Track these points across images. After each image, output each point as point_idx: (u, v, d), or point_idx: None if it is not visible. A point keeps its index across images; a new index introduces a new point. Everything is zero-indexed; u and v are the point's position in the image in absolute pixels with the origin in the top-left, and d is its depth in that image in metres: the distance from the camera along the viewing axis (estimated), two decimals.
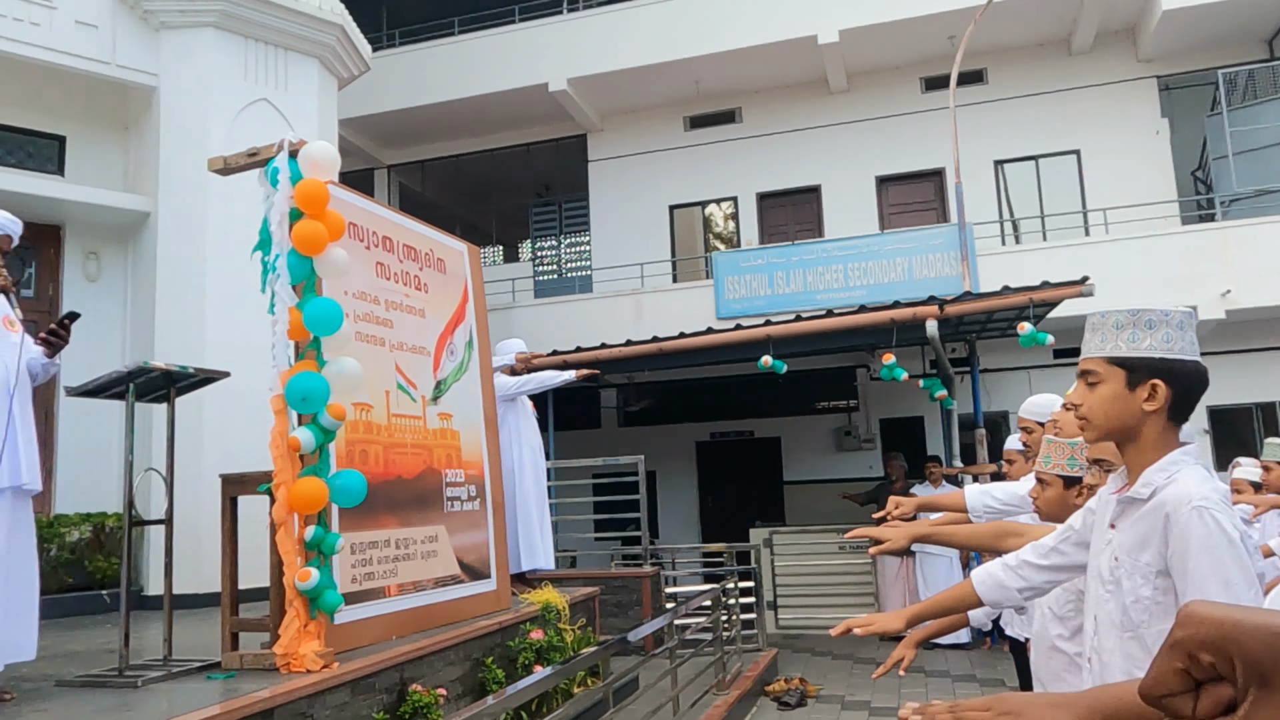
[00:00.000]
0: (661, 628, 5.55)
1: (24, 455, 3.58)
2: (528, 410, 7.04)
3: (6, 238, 3.75)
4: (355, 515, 4.38)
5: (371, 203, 5.30)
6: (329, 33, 8.37)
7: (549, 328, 12.52)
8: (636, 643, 5.18)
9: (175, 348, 7.15)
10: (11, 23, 7.15)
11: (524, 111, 14.26)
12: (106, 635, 5.60)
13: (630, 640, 4.75)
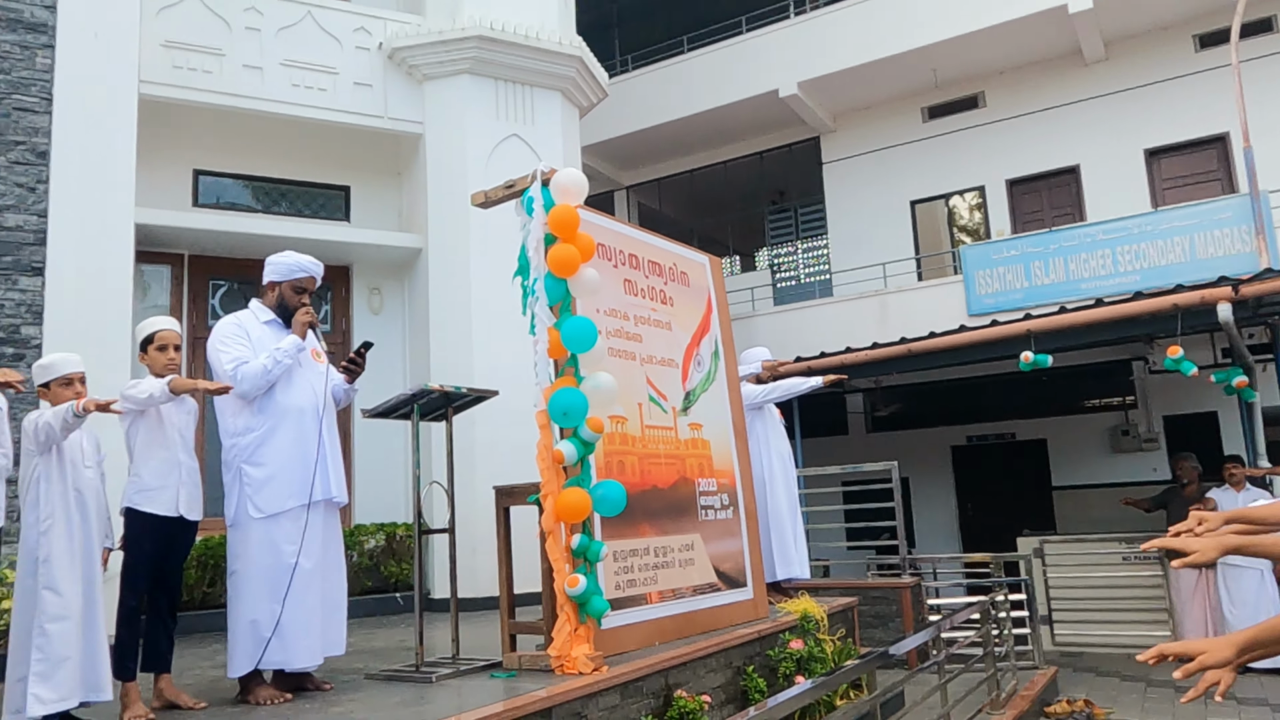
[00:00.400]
0: (927, 641, 5.32)
1: (332, 472, 4.03)
2: (775, 418, 7.01)
3: (311, 279, 4.24)
4: (616, 524, 4.55)
5: (617, 223, 5.50)
6: (569, 65, 8.82)
7: (790, 334, 12.41)
8: (898, 656, 5.00)
9: (448, 370, 7.79)
10: (303, 90, 8.12)
11: (755, 120, 14.30)
12: (401, 634, 6.17)
13: (893, 654, 4.59)
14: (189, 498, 3.99)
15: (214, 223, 8.01)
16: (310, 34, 8.26)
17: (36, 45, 6.10)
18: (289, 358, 3.97)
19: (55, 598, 3.44)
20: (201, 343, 7.79)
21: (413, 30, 8.49)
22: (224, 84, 7.79)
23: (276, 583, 3.81)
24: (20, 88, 6.02)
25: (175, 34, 7.64)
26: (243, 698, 3.91)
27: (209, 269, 8.34)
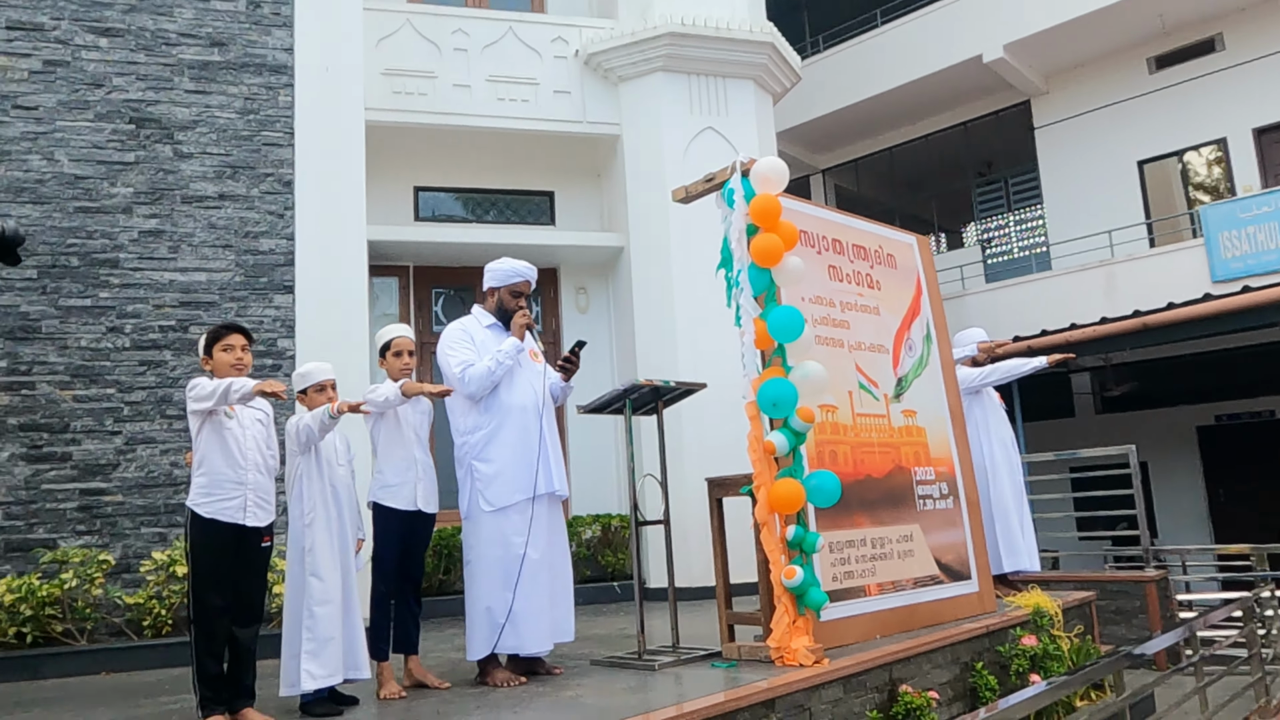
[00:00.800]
0: (1179, 641, 4.88)
1: (554, 466, 4.21)
2: (994, 402, 6.66)
3: (527, 283, 4.45)
4: (830, 515, 4.48)
5: (818, 208, 5.40)
6: (761, 52, 8.75)
7: (1006, 313, 11.74)
8: (1146, 657, 4.61)
9: (653, 365, 7.94)
10: (508, 103, 8.53)
11: (957, 90, 13.61)
12: (621, 622, 6.36)
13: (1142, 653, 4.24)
14: (425, 493, 4.29)
15: (433, 235, 8.57)
16: (512, 48, 8.65)
17: (279, 85, 6.76)
18: (510, 359, 4.19)
19: (320, 584, 3.80)
20: (428, 348, 8.37)
21: (606, 34, 8.70)
22: (437, 104, 8.31)
23: (508, 572, 4.03)
24: (267, 125, 6.69)
25: (393, 62, 8.23)
26: (481, 679, 4.17)
27: (431, 278, 8.93)
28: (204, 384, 3.62)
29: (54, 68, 6.34)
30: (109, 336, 6.14)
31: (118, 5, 6.53)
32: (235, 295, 6.41)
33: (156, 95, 6.50)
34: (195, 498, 3.62)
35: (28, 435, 5.89)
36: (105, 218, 6.27)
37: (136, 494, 6.00)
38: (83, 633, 5.54)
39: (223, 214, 6.49)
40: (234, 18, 6.77)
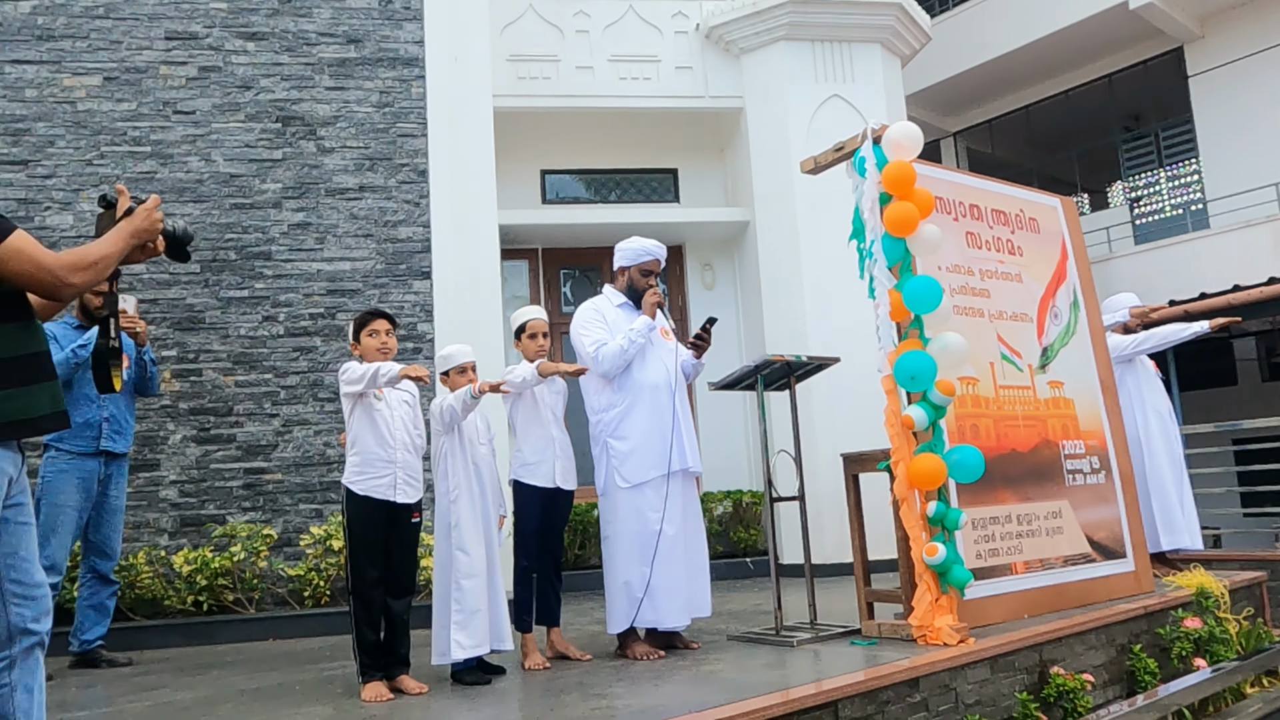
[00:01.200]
0: None
1: (687, 443, 4.24)
2: (1149, 371, 6.29)
3: (656, 261, 4.47)
4: (973, 491, 4.34)
5: (954, 173, 5.20)
6: (888, 14, 8.46)
7: (1158, 275, 11.04)
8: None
9: (782, 339, 7.86)
10: (630, 82, 8.55)
11: (1100, 40, 12.80)
12: (755, 598, 6.36)
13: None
14: (563, 470, 4.39)
15: (560, 217, 8.71)
16: (633, 27, 8.66)
17: (411, 78, 6.99)
18: (642, 337, 4.22)
19: (466, 558, 3.95)
20: (558, 329, 8.54)
21: (727, 6, 8.59)
22: (561, 87, 8.41)
23: (644, 547, 4.09)
24: (402, 116, 6.93)
25: (517, 48, 8.38)
26: (621, 652, 4.25)
27: (559, 260, 9.09)
28: (354, 368, 3.81)
29: (208, 73, 6.74)
30: (265, 325, 6.52)
31: (262, 10, 6.88)
32: (377, 282, 6.70)
33: (300, 94, 6.83)
34: (350, 475, 3.82)
35: (197, 419, 6.34)
36: (257, 213, 6.65)
37: (294, 472, 6.37)
38: (251, 601, 5.95)
39: (363, 205, 6.78)
40: (368, 15, 7.02)
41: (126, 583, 5.70)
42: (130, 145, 6.57)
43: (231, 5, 6.84)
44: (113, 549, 5.03)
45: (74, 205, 6.43)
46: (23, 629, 2.19)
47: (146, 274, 6.44)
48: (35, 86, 6.52)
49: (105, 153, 6.54)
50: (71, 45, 6.61)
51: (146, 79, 6.66)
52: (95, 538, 4.97)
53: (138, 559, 5.81)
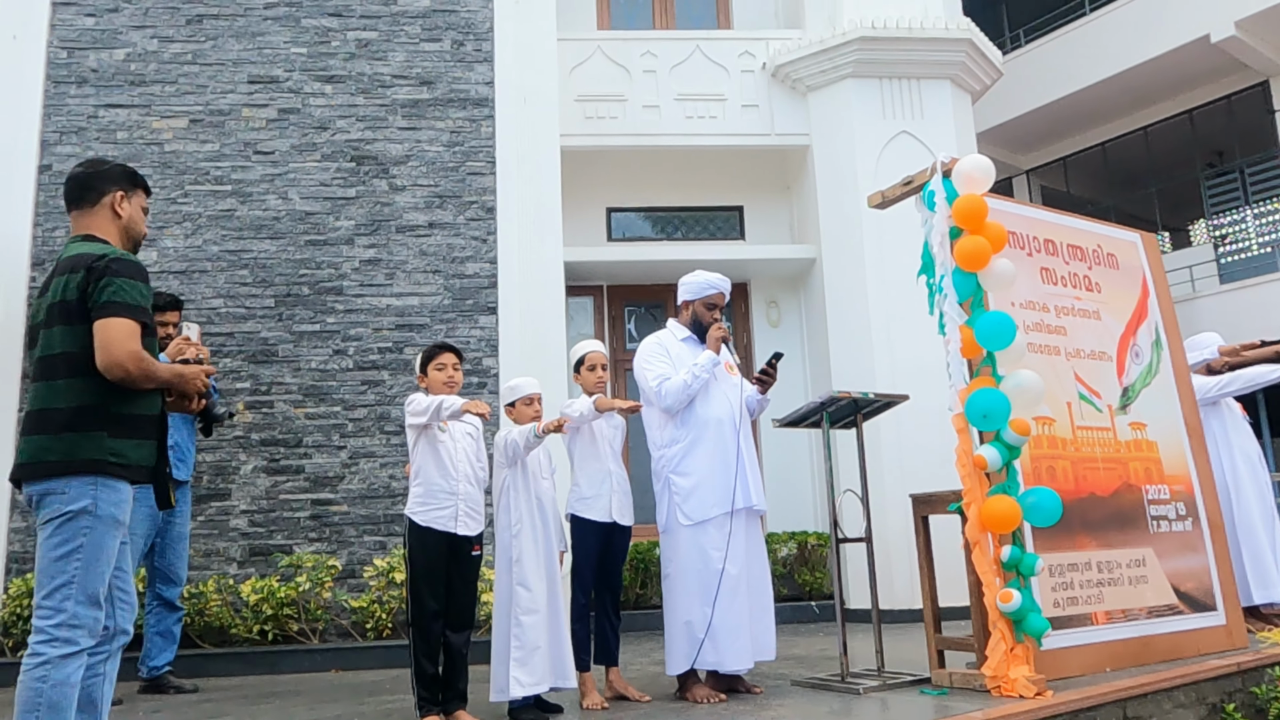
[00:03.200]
0: None
1: (751, 480, 4.15)
2: (1236, 414, 6.02)
3: (721, 295, 4.44)
4: (1049, 535, 4.16)
5: (1028, 207, 5.08)
6: (957, 50, 8.37)
7: (1246, 315, 10.62)
8: None
9: (849, 376, 7.73)
10: (696, 120, 8.60)
11: (1180, 75, 12.48)
12: (821, 642, 6.19)
13: None
14: (620, 505, 4.35)
15: (625, 254, 8.75)
16: (699, 66, 8.73)
17: (481, 118, 7.13)
18: (706, 372, 4.17)
19: (526, 593, 3.92)
20: (623, 365, 8.53)
21: (793, 45, 8.61)
22: (627, 126, 8.50)
23: (706, 587, 4.00)
24: (471, 155, 7.06)
25: (585, 88, 8.51)
26: (681, 694, 4.15)
27: (623, 296, 9.11)
28: (419, 400, 3.84)
29: (287, 115, 6.97)
30: (335, 358, 6.65)
31: (340, 54, 7.11)
32: (444, 317, 6.79)
33: (374, 134, 7.02)
34: (412, 506, 3.83)
35: (268, 450, 6.47)
36: (330, 249, 6.81)
37: (359, 504, 6.45)
38: (314, 632, 5.99)
39: (432, 241, 6.90)
40: (440, 57, 7.21)
41: (195, 610, 5.81)
42: (212, 184, 6.81)
43: (311, 50, 7.09)
44: (178, 575, 5.12)
45: (158, 242, 6.68)
46: (122, 629, 2.72)
47: (224, 308, 6.64)
48: (126, 129, 6.82)
49: (189, 191, 6.79)
50: (161, 90, 6.91)
51: (229, 121, 6.92)
52: (160, 564, 5.07)
53: (207, 587, 5.92)
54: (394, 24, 7.21)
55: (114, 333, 2.55)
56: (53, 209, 6.64)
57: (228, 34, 7.04)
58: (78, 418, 2.55)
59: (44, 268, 6.55)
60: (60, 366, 2.58)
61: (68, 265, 2.64)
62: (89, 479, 2.53)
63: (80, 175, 2.85)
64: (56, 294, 2.62)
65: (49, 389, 2.58)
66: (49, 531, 2.51)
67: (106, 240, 2.77)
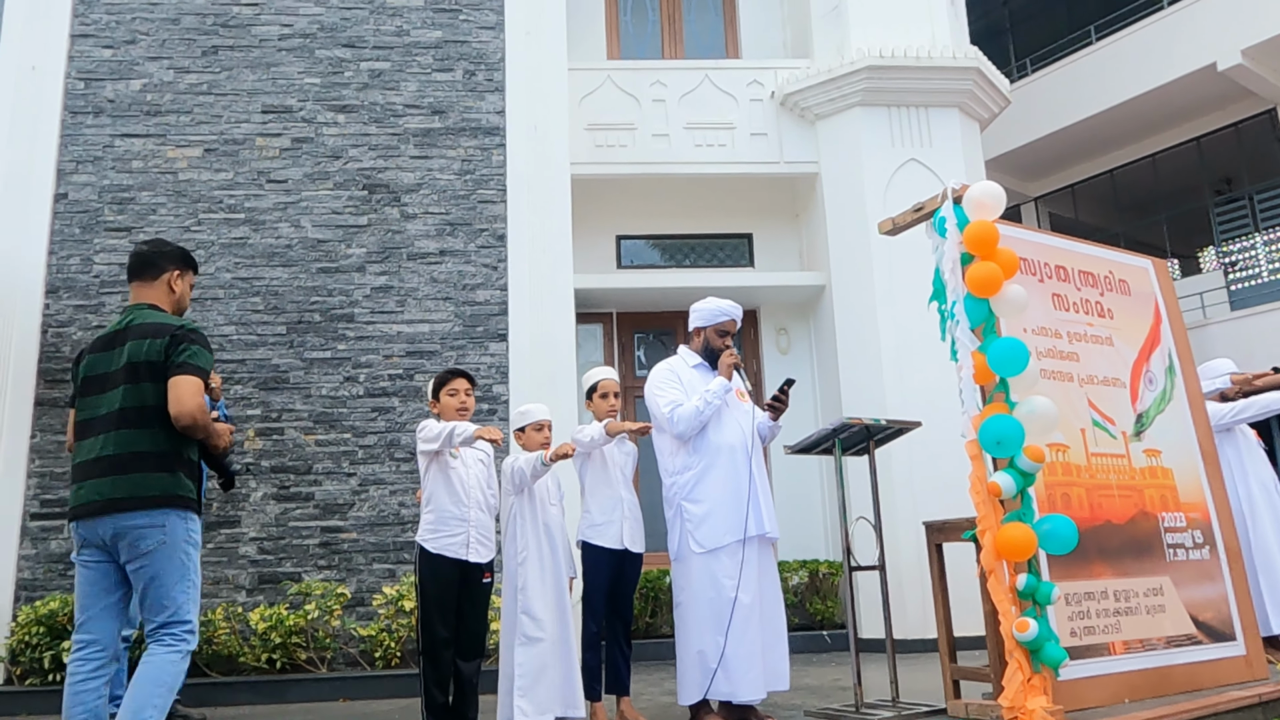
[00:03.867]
0: None
1: (764, 508, 4.12)
2: (1251, 441, 5.97)
3: (733, 322, 4.44)
4: (1065, 563, 4.11)
5: (1039, 234, 5.08)
6: (966, 79, 8.42)
7: (1258, 342, 10.58)
8: None
9: (859, 403, 7.70)
10: (705, 149, 8.66)
11: (1187, 102, 12.53)
12: (833, 672, 6.12)
13: None
14: (631, 532, 4.33)
15: (635, 281, 8.78)
16: (708, 95, 8.80)
17: (492, 146, 7.19)
18: (718, 398, 4.16)
19: (532, 622, 3.89)
20: (631, 392, 8.53)
21: (802, 74, 8.67)
22: (637, 154, 8.56)
23: (719, 615, 3.97)
24: (482, 183, 7.11)
25: (595, 117, 8.58)
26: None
27: (633, 324, 9.13)
28: (431, 426, 3.84)
29: (300, 144, 7.04)
30: (345, 385, 6.66)
31: (353, 84, 7.19)
32: (455, 344, 6.80)
33: (385, 162, 7.07)
34: (423, 533, 3.82)
35: (278, 477, 6.47)
36: (342, 276, 6.85)
37: (369, 532, 6.43)
38: (323, 661, 5.96)
39: (443, 268, 6.93)
40: (452, 87, 7.28)
41: (203, 638, 5.78)
42: (226, 212, 6.87)
43: (325, 80, 7.17)
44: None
45: None
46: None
47: (236, 335, 6.67)
48: (142, 158, 6.89)
49: (202, 219, 6.85)
50: (176, 120, 6.99)
51: (243, 150, 6.99)
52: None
53: (215, 615, 5.89)
54: (406, 54, 7.30)
55: (187, 388, 2.95)
56: (67, 237, 6.71)
57: (242, 65, 7.13)
58: (168, 460, 2.98)
59: (58, 294, 6.60)
60: (152, 416, 2.97)
61: (146, 331, 3.04)
62: (180, 512, 2.96)
63: (145, 253, 3.27)
64: (139, 354, 2.99)
65: (141, 435, 2.96)
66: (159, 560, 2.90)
67: (164, 309, 3.20)
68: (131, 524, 2.88)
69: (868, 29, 8.53)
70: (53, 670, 5.55)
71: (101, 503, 2.91)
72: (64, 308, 6.61)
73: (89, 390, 3.08)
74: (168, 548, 2.90)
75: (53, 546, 6.19)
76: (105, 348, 3.08)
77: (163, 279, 3.23)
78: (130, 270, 3.26)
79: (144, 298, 3.20)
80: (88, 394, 3.07)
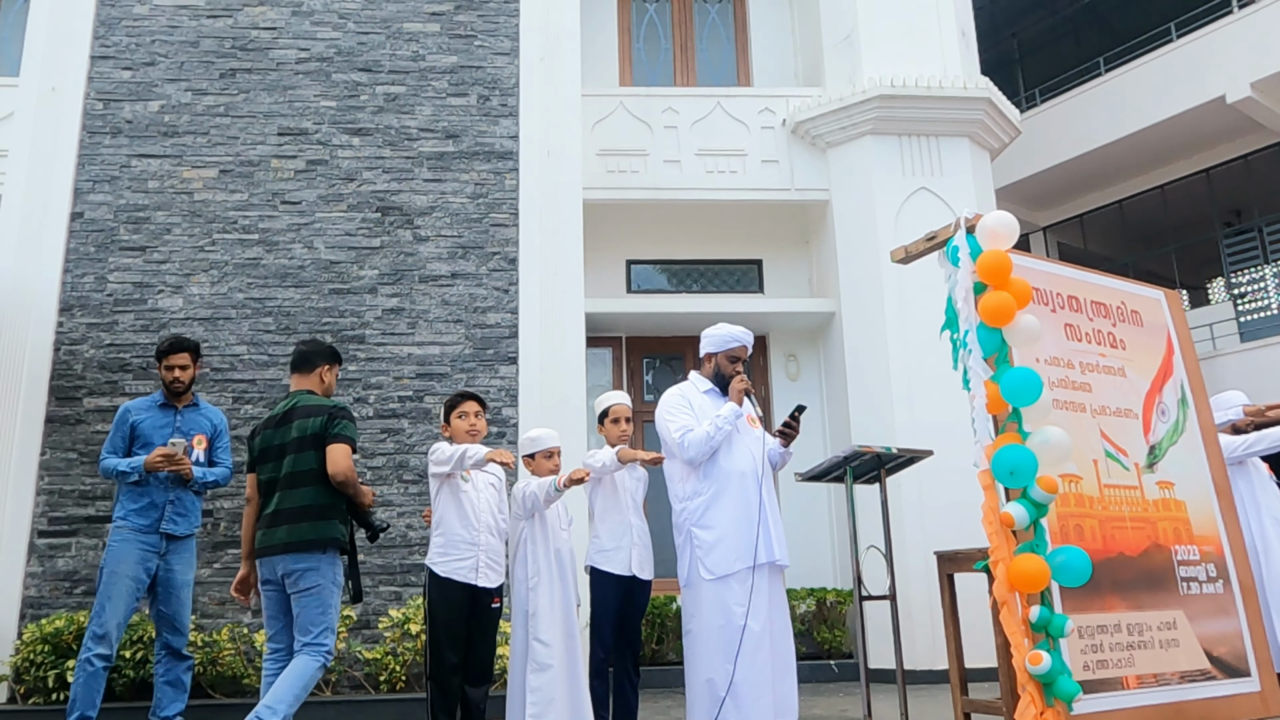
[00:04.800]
0: None
1: (774, 535, 4.10)
2: (1263, 474, 5.94)
3: (744, 348, 4.44)
4: (1078, 596, 4.07)
5: (1052, 264, 5.07)
6: (976, 108, 8.46)
7: (1268, 374, 10.54)
8: None
9: (869, 431, 7.68)
10: (716, 175, 8.71)
11: (1196, 135, 12.57)
12: (841, 703, 6.06)
13: None
14: (640, 558, 4.31)
15: (645, 306, 8.79)
16: (720, 122, 8.86)
17: (505, 170, 7.24)
18: (728, 424, 4.15)
19: (543, 647, 3.87)
20: (640, 416, 8.52)
21: (813, 102, 8.73)
22: (649, 180, 8.61)
23: (728, 643, 3.94)
24: (495, 207, 7.16)
25: (607, 142, 8.64)
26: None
27: (642, 348, 9.14)
28: (442, 449, 3.84)
29: (315, 166, 7.10)
30: (355, 406, 6.66)
31: (368, 108, 7.26)
32: (465, 367, 6.81)
33: (399, 185, 7.12)
34: (433, 557, 3.81)
35: None
36: (354, 298, 6.88)
37: (376, 553, 6.40)
38: (327, 684, 5.92)
39: (454, 291, 6.96)
40: (466, 111, 7.34)
41: (208, 659, 5.75)
42: (240, 233, 6.92)
43: (340, 104, 7.24)
44: (181, 624, 4.88)
45: (184, 289, 6.77)
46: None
47: (247, 355, 6.69)
48: (158, 178, 6.95)
49: (216, 240, 6.89)
50: (193, 141, 7.05)
51: (258, 171, 7.04)
52: (165, 611, 4.84)
53: (220, 636, 5.87)
54: (422, 79, 7.37)
55: (340, 454, 3.75)
56: (82, 256, 6.75)
57: (259, 87, 7.21)
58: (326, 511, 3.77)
59: (71, 312, 6.64)
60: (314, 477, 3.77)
61: (309, 411, 3.87)
62: (331, 556, 3.75)
63: (304, 352, 4.14)
64: (304, 430, 3.82)
65: (304, 492, 3.77)
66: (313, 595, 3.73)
67: (317, 394, 4.03)
68: (296, 566, 3.70)
69: (879, 58, 8.60)
70: (57, 689, 5.53)
71: (277, 546, 3.72)
72: (77, 325, 6.64)
73: (265, 459, 3.90)
74: (319, 587, 3.70)
75: (59, 564, 6.18)
76: (277, 425, 3.91)
77: (316, 371, 4.07)
78: (292, 364, 4.13)
79: (302, 385, 4.06)
80: (265, 461, 3.90)
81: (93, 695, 4.54)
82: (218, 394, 6.58)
